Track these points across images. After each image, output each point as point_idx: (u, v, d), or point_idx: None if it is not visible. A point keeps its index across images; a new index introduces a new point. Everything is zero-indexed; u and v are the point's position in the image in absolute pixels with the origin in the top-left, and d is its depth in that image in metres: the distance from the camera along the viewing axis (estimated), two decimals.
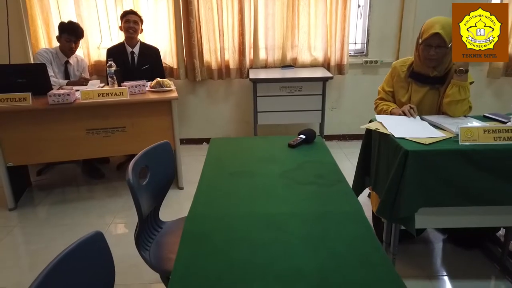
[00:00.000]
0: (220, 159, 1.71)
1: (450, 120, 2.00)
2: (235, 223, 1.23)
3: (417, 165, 1.66)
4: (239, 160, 1.70)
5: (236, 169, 1.60)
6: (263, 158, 1.70)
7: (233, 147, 1.86)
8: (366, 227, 1.20)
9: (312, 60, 3.94)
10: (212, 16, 3.74)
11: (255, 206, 1.33)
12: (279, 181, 1.50)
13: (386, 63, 3.98)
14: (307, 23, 3.81)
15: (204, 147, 4.17)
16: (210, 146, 1.87)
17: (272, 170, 1.58)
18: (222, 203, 1.36)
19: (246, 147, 1.85)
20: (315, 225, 1.21)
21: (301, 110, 3.70)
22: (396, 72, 2.36)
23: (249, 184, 1.48)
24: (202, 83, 4.00)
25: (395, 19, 3.86)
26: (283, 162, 1.66)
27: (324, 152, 1.76)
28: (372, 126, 1.99)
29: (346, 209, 1.31)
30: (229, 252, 1.08)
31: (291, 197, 1.38)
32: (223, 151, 1.81)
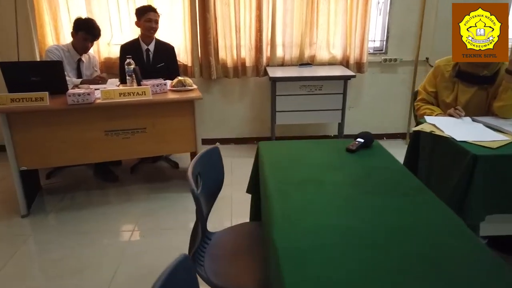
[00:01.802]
0: (278, 165, 1.58)
1: (506, 122, 1.91)
2: (328, 239, 1.10)
3: (486, 171, 1.56)
4: (300, 166, 1.57)
5: (302, 176, 1.48)
6: (324, 164, 1.58)
7: (285, 151, 1.73)
8: (474, 241, 1.09)
9: (331, 58, 3.82)
10: (229, 11, 3.59)
11: (342, 219, 1.21)
12: (354, 190, 1.38)
13: (405, 61, 3.89)
14: (326, 20, 3.69)
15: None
16: (260, 149, 1.74)
17: (341, 178, 1.46)
18: (303, 215, 1.23)
19: (300, 151, 1.73)
20: (418, 244, 1.09)
21: (321, 109, 3.58)
22: (439, 71, 2.26)
23: (324, 194, 1.36)
24: (217, 81, 3.85)
25: (415, 16, 3.77)
26: (348, 168, 1.54)
27: (387, 157, 1.64)
28: (426, 128, 1.88)
29: (444, 222, 1.19)
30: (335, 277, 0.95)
31: (376, 209, 1.26)
32: (277, 155, 1.68)
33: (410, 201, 1.29)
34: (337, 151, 1.69)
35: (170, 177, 3.38)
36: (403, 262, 1.01)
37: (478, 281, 0.95)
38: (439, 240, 1.10)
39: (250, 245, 1.54)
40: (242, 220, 2.74)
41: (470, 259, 1.03)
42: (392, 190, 1.36)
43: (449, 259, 1.02)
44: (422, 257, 1.03)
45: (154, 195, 3.04)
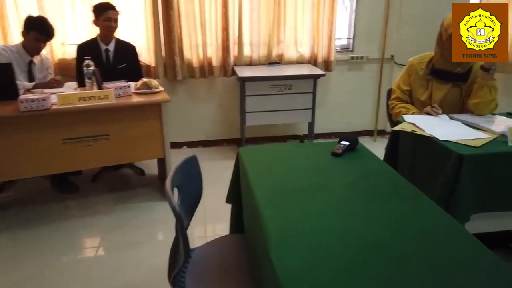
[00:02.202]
0: (263, 173, 1.47)
1: (483, 119, 1.92)
2: (333, 256, 1.01)
3: (472, 170, 1.54)
4: (288, 173, 1.47)
5: (292, 184, 1.38)
6: (312, 170, 1.49)
7: (268, 157, 1.62)
8: (474, 243, 1.04)
9: (299, 56, 3.76)
10: (193, 9, 3.43)
11: (346, 231, 1.12)
12: (350, 197, 1.31)
13: (372, 59, 3.92)
14: (293, 18, 3.63)
15: (185, 151, 3.86)
16: (240, 156, 1.63)
17: (334, 185, 1.38)
18: (301, 228, 1.13)
19: (284, 157, 1.63)
20: (418, 247, 1.04)
21: (291, 109, 3.52)
22: (413, 69, 2.25)
23: (319, 203, 1.27)
24: (182, 82, 3.68)
25: (380, 13, 3.79)
26: (339, 174, 1.46)
27: (375, 160, 1.58)
28: (407, 128, 1.85)
29: (447, 228, 1.14)
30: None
31: (376, 216, 1.20)
32: (259, 162, 1.57)
33: (408, 206, 1.24)
34: (322, 154, 1.60)
35: (136, 185, 3.18)
36: (404, 266, 0.97)
37: (478, 281, 0.93)
38: (440, 243, 1.06)
39: (236, 263, 1.43)
40: (219, 231, 2.63)
41: (471, 261, 1.00)
42: (388, 195, 1.30)
43: (450, 261, 0.99)
44: (423, 260, 0.99)
45: (120, 206, 2.84)
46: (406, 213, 1.20)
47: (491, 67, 1.92)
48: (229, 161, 3.68)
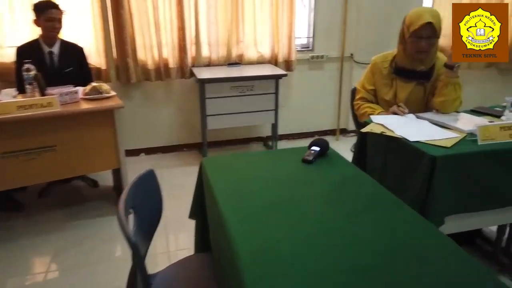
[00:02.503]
0: (230, 185, 1.34)
1: (449, 117, 1.90)
2: (313, 278, 0.90)
3: (445, 171, 1.50)
4: (257, 184, 1.34)
5: (263, 197, 1.25)
6: (283, 180, 1.37)
7: (234, 167, 1.49)
8: (465, 258, 0.97)
9: (259, 56, 3.66)
10: (146, 7, 3.22)
11: (324, 248, 1.02)
12: (327, 210, 1.20)
13: (332, 58, 3.89)
14: (252, 16, 3.51)
15: (142, 159, 3.64)
16: (204, 167, 1.48)
17: (308, 196, 1.27)
18: (276, 248, 1.01)
19: (251, 166, 1.50)
20: (405, 263, 0.96)
21: (254, 111, 3.40)
22: (377, 68, 2.20)
23: (294, 217, 1.15)
24: (137, 85, 3.46)
25: (339, 12, 3.77)
26: (312, 183, 1.35)
27: (347, 167, 1.50)
28: (376, 129, 1.79)
29: (428, 237, 1.07)
30: None
31: (357, 228, 1.10)
32: (225, 173, 1.43)
33: (389, 217, 1.16)
34: (292, 162, 1.49)
35: (89, 198, 2.93)
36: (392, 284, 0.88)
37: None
38: (426, 257, 0.98)
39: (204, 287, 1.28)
40: (182, 250, 2.46)
41: (462, 274, 0.93)
42: (367, 206, 1.21)
43: (442, 277, 0.90)
44: (412, 277, 0.90)
45: (72, 223, 2.59)
46: (389, 228, 1.11)
47: (455, 65, 1.90)
48: (190, 167, 3.53)
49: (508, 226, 2.05)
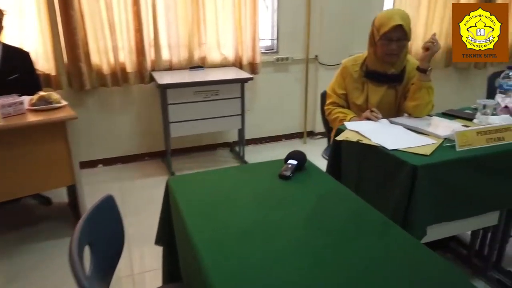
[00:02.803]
0: (201, 208, 1.20)
1: (422, 122, 1.86)
2: None
3: (427, 180, 1.44)
4: (231, 206, 1.21)
5: (238, 221, 1.12)
6: (260, 200, 1.24)
7: (205, 186, 1.34)
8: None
9: (223, 59, 3.51)
10: (99, 8, 2.99)
11: (309, 278, 0.90)
12: (311, 234, 1.08)
13: (297, 59, 3.82)
14: (214, 17, 3.36)
15: (100, 171, 3.40)
16: (171, 187, 1.32)
17: (289, 218, 1.14)
18: (257, 282, 0.88)
19: (223, 185, 1.36)
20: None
21: (219, 116, 3.26)
22: (347, 72, 2.14)
23: (275, 244, 1.03)
24: (92, 92, 3.21)
25: (303, 13, 3.70)
26: (292, 203, 1.23)
27: (327, 181, 1.39)
28: (351, 137, 1.70)
29: (423, 262, 0.97)
30: None
31: (346, 255, 0.99)
32: (195, 193, 1.28)
33: (381, 242, 1.06)
34: (269, 179, 1.37)
35: (42, 218, 2.67)
36: None
37: None
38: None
39: None
40: (149, 272, 2.27)
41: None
42: (354, 228, 1.11)
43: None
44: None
45: (22, 248, 2.33)
46: (380, 253, 1.01)
47: (427, 68, 1.86)
48: (154, 178, 3.33)
49: (481, 229, 2.04)
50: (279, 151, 3.78)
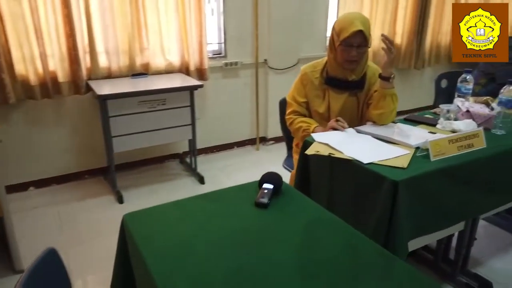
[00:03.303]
0: (166, 252, 0.99)
1: (389, 130, 1.80)
2: None
3: (407, 195, 1.36)
4: (203, 247, 1.01)
5: (216, 266, 0.94)
6: (237, 239, 1.06)
7: (168, 223, 1.13)
8: None
9: (168, 65, 3.27)
10: (22, 10, 2.60)
11: None
12: (307, 278, 0.92)
13: (246, 64, 3.67)
14: (156, 20, 3.11)
15: (32, 194, 3.00)
16: (127, 227, 1.10)
17: (275, 260, 0.98)
18: None
19: (192, 219, 1.15)
20: None
21: (168, 127, 3.01)
22: (308, 79, 2.03)
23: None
24: (18, 106, 2.81)
25: (250, 16, 3.56)
26: (275, 238, 1.06)
27: (310, 206, 1.25)
28: (322, 151, 1.59)
29: None
30: None
31: None
32: (157, 233, 1.07)
33: (383, 280, 0.93)
34: (242, 208, 1.20)
35: None
36: None
37: None
38: None
39: None
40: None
41: None
42: (352, 266, 0.97)
43: None
44: None
45: None
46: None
47: (390, 75, 1.81)
48: (96, 198, 2.98)
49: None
50: (232, 160, 3.64)
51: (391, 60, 1.79)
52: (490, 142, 1.62)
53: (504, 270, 2.06)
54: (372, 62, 2.04)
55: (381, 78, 1.83)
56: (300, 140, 2.09)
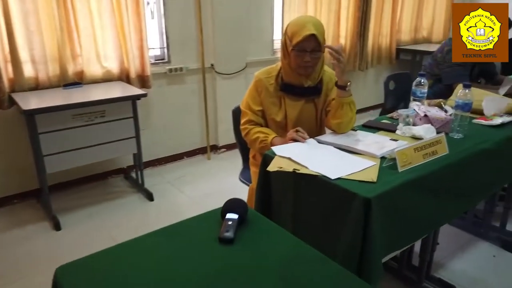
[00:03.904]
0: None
1: (351, 139, 1.71)
2: None
3: (381, 212, 1.27)
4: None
5: None
6: (200, 286, 0.88)
7: (116, 275, 0.92)
8: None
9: (105, 72, 2.98)
10: None
11: None
12: None
13: (192, 69, 3.47)
14: (89, 23, 2.82)
15: None
16: (60, 285, 0.88)
17: None
18: None
19: (142, 268, 0.95)
20: None
21: (109, 141, 2.73)
22: (262, 85, 1.90)
23: None
24: None
25: (193, 19, 3.36)
26: (244, 280, 0.90)
27: (282, 236, 1.09)
28: (285, 166, 1.45)
29: None
30: None
31: None
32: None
33: None
34: (204, 246, 1.02)
35: None
36: None
37: None
38: None
39: None
40: None
41: None
42: None
43: None
44: None
45: None
46: None
47: (347, 84, 1.72)
48: (28, 226, 2.58)
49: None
50: (183, 171, 3.41)
51: (342, 68, 1.69)
52: (451, 147, 1.59)
53: (465, 272, 2.08)
54: (328, 67, 1.95)
55: (338, 87, 1.74)
56: (258, 152, 1.95)
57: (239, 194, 1.29)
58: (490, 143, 1.69)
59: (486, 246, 2.28)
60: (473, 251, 2.24)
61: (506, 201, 2.31)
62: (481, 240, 2.32)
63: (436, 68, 2.68)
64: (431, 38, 5.59)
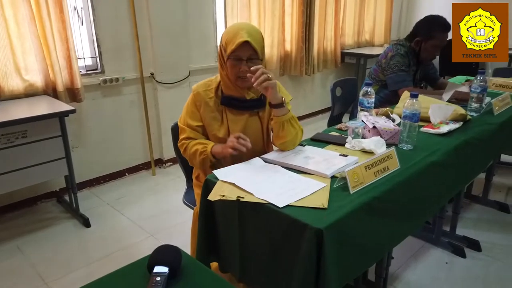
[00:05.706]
0: None
1: (298, 157, 1.59)
2: None
3: (334, 242, 1.15)
4: None
5: None
6: None
7: None
8: None
9: (27, 87, 2.65)
10: None
11: None
12: None
13: (130, 79, 3.22)
14: (5, 32, 2.49)
15: None
16: None
17: None
18: None
19: None
20: None
21: (33, 165, 2.42)
22: (201, 99, 1.73)
23: None
24: None
25: (128, 25, 3.11)
26: None
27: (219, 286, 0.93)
28: (228, 194, 1.30)
29: None
30: None
31: None
32: None
33: None
34: None
35: None
36: None
37: None
38: None
39: None
40: None
41: None
42: None
43: None
44: None
45: None
46: None
47: (281, 101, 1.59)
48: None
49: None
50: (125, 190, 3.14)
51: (273, 86, 1.56)
52: (401, 160, 1.52)
53: (420, 282, 2.04)
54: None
55: (273, 106, 1.60)
56: (200, 168, 1.77)
57: (186, 214, 1.11)
58: (438, 154, 1.64)
59: (439, 253, 2.27)
60: (426, 259, 2.22)
61: (455, 206, 2.32)
62: (433, 247, 2.31)
63: (381, 74, 2.66)
64: (373, 41, 5.70)
